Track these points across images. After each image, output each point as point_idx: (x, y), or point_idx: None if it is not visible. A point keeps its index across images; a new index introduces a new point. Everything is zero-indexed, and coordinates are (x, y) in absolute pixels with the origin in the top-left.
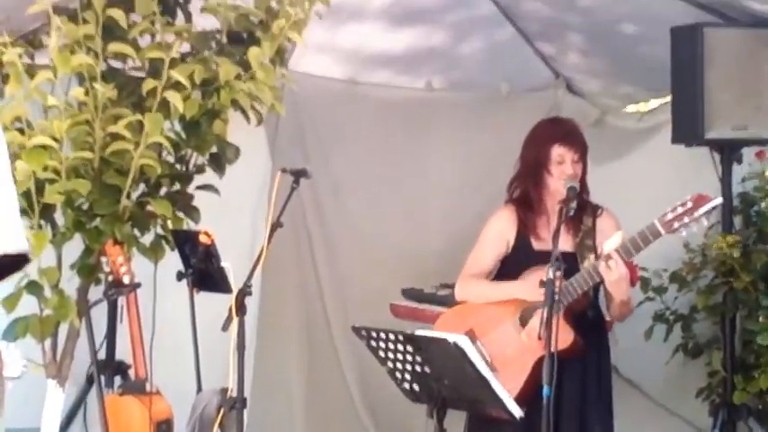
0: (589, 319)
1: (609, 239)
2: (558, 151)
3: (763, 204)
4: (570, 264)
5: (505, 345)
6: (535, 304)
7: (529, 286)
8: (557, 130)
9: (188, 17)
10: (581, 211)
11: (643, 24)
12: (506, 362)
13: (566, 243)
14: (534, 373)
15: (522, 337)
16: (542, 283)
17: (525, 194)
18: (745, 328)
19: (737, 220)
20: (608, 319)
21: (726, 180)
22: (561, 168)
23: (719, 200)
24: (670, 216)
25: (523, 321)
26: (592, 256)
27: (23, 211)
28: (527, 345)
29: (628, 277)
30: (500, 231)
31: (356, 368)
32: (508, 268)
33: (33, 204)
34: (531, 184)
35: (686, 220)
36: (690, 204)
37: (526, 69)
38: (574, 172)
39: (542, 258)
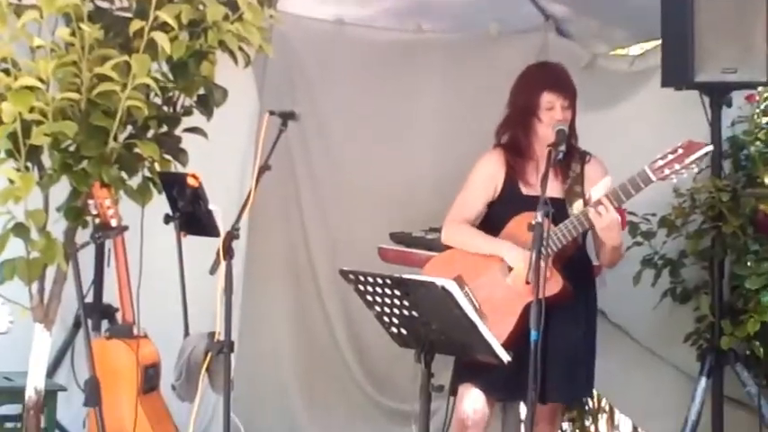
0: (576, 264)
1: (596, 186)
2: (547, 98)
3: (752, 148)
4: (558, 209)
5: (494, 290)
6: (525, 249)
7: (513, 249)
8: (546, 76)
9: None
10: (569, 157)
11: None
12: (495, 307)
13: (554, 189)
14: (523, 318)
15: (507, 281)
16: (530, 227)
17: (514, 140)
18: (734, 273)
19: (727, 164)
20: (596, 263)
21: (715, 124)
22: (551, 114)
23: (710, 147)
24: (661, 162)
25: (512, 267)
26: (580, 202)
27: (10, 153)
28: (516, 290)
29: (619, 223)
30: (489, 174)
31: (342, 312)
32: (496, 212)
33: (20, 146)
34: (521, 129)
35: (677, 166)
36: (680, 151)
37: (516, 11)
38: (563, 118)
39: (531, 203)
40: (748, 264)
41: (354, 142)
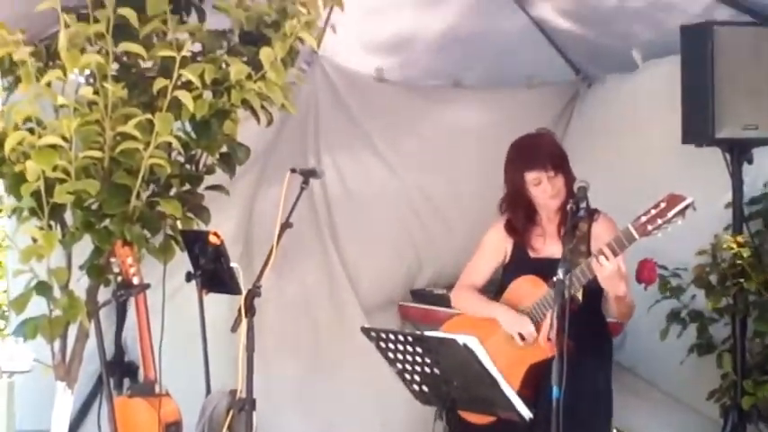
0: (584, 323)
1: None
2: (530, 176)
3: None
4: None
5: (497, 355)
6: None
7: (507, 312)
8: (523, 156)
9: (201, 16)
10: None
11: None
12: (499, 372)
13: (556, 249)
14: (525, 381)
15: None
16: (552, 284)
17: (513, 216)
18: (757, 330)
19: (759, 223)
20: (610, 320)
21: (736, 180)
22: (539, 189)
23: (691, 199)
24: (643, 219)
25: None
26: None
27: (33, 211)
28: (517, 355)
29: (621, 273)
30: (497, 242)
31: (358, 360)
32: (507, 276)
33: (43, 204)
34: (519, 205)
35: (659, 221)
36: (663, 205)
37: (548, 66)
38: (553, 189)
39: (538, 266)
40: None
41: (379, 197)
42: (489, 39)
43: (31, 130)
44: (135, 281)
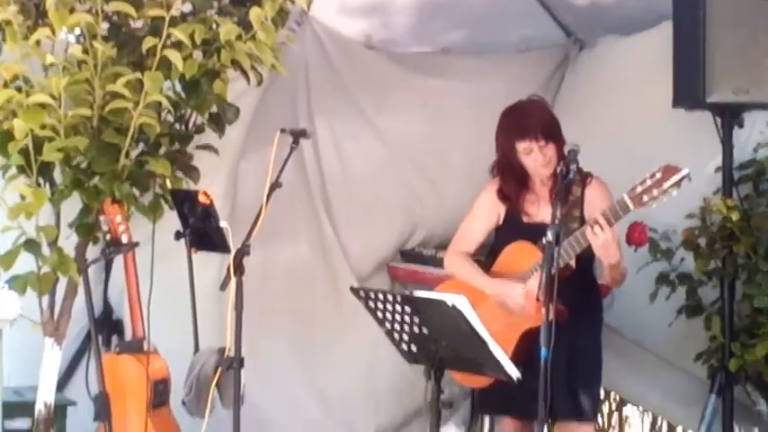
0: (576, 287)
1: None
2: (521, 145)
3: None
4: None
5: (490, 321)
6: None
7: (500, 287)
8: (514, 125)
9: None
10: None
11: None
12: (492, 337)
13: (549, 214)
14: (519, 346)
15: (519, 293)
16: (541, 246)
17: (504, 183)
18: (745, 293)
19: (748, 187)
20: (602, 282)
21: (727, 145)
22: (531, 158)
23: (686, 171)
24: (639, 189)
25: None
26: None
27: (21, 169)
28: (511, 320)
29: (615, 241)
30: (490, 205)
31: (353, 324)
32: (499, 239)
33: (32, 162)
34: (510, 172)
35: (655, 192)
36: (658, 176)
37: (539, 30)
38: (544, 156)
39: (531, 231)
40: (760, 285)
41: (372, 156)
42: (477, 2)
43: (19, 89)
44: (124, 239)
